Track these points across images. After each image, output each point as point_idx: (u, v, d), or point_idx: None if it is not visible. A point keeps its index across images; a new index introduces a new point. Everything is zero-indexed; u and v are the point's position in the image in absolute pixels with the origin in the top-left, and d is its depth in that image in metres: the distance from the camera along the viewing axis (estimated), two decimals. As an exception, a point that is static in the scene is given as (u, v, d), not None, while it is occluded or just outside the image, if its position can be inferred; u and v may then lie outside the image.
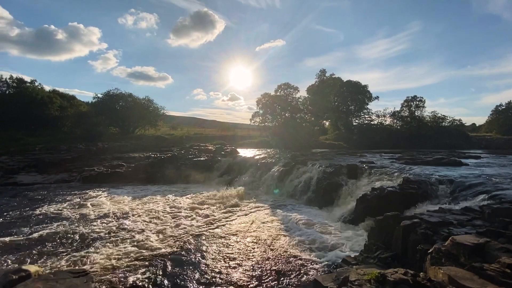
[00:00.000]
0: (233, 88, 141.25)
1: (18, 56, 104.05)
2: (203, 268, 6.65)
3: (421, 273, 3.09)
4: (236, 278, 6.16)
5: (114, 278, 5.51)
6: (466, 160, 16.13)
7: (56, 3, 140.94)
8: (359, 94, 42.74)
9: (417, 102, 42.61)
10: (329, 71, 46.25)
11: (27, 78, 38.30)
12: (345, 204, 12.06)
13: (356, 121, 44.46)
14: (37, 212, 11.42)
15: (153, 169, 20.19)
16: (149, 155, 24.72)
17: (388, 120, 43.77)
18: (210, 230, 9.43)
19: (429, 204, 9.07)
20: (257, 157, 21.54)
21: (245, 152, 25.36)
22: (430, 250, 4.22)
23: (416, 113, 42.60)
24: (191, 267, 6.66)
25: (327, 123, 47.53)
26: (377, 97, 44.14)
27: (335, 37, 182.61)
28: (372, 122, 43.44)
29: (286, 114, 37.40)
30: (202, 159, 21.62)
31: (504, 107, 49.64)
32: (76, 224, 9.80)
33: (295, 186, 15.22)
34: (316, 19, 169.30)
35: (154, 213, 11.37)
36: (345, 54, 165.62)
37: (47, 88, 39.72)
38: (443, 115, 41.07)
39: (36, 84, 38.16)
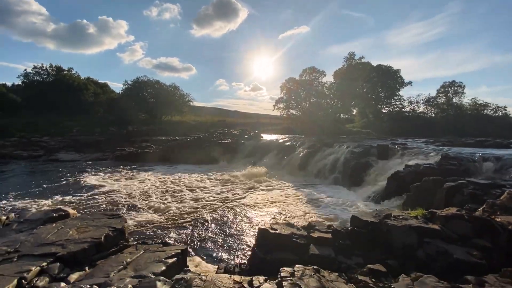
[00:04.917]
0: (255, 78, 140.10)
1: (55, 50, 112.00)
2: (230, 223, 6.69)
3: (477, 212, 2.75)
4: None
5: (144, 227, 5.72)
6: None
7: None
8: (389, 80, 40.05)
9: (456, 88, 39.26)
10: (357, 57, 43.35)
11: (65, 67, 40.83)
12: (374, 184, 11.45)
13: (386, 108, 41.99)
14: (77, 178, 12.29)
15: (180, 150, 20.70)
16: (176, 138, 25.41)
17: (421, 108, 40.89)
18: (236, 201, 9.49)
19: (471, 181, 8.31)
20: (281, 140, 21.25)
21: (269, 137, 25.10)
22: (482, 207, 3.78)
23: (453, 100, 39.36)
24: (218, 225, 6.74)
25: (354, 111, 45.43)
26: (410, 83, 41.09)
27: (364, 22, 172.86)
28: (403, 109, 40.86)
29: (312, 100, 36.23)
30: (226, 141, 21.78)
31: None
32: (112, 189, 10.40)
33: (321, 167, 14.79)
34: (343, 3, 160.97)
35: (182, 186, 11.68)
36: (374, 40, 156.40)
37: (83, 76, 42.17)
38: (486, 102, 37.43)
39: (73, 72, 40.65)
